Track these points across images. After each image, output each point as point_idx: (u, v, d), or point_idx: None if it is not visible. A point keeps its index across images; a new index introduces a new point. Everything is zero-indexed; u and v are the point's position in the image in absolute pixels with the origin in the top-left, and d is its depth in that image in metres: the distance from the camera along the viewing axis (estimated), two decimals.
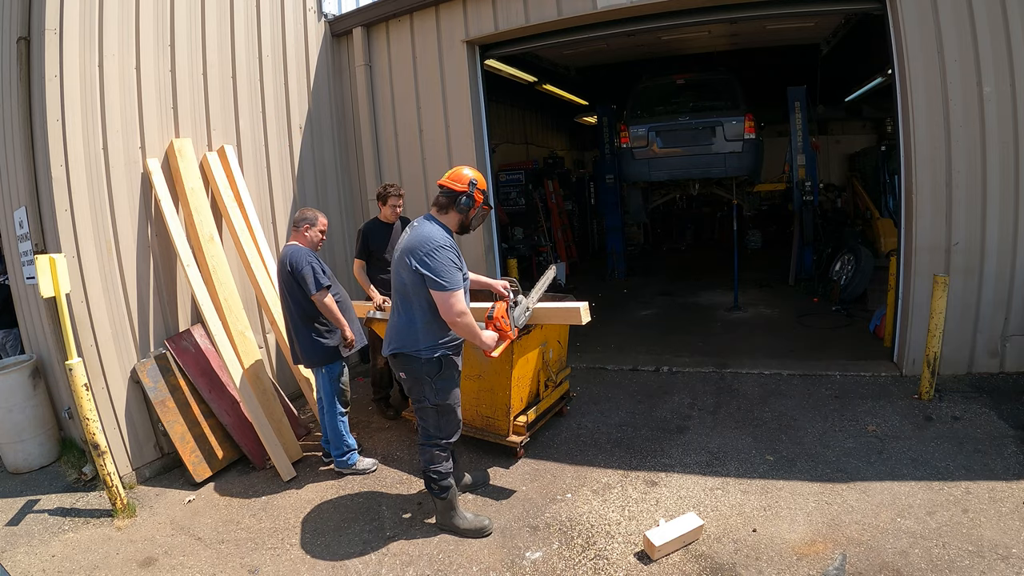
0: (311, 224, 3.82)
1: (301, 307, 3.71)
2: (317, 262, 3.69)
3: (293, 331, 3.81)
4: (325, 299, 3.65)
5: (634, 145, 7.81)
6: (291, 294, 3.71)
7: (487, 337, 3.03)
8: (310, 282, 3.60)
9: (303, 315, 3.73)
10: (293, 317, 3.77)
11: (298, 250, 3.69)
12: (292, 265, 3.63)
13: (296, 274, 3.63)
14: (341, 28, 6.00)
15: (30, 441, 4.31)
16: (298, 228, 3.81)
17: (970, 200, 4.32)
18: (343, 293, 3.94)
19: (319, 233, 3.84)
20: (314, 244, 3.82)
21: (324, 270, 3.71)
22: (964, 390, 4.31)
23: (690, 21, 5.24)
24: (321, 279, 3.64)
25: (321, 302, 3.64)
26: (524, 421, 3.87)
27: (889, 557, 2.67)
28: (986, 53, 4.13)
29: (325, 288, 3.65)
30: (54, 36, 3.69)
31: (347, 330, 3.79)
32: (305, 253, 3.68)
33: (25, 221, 3.98)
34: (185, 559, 3.16)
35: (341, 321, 3.73)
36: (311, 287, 3.61)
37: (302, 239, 3.79)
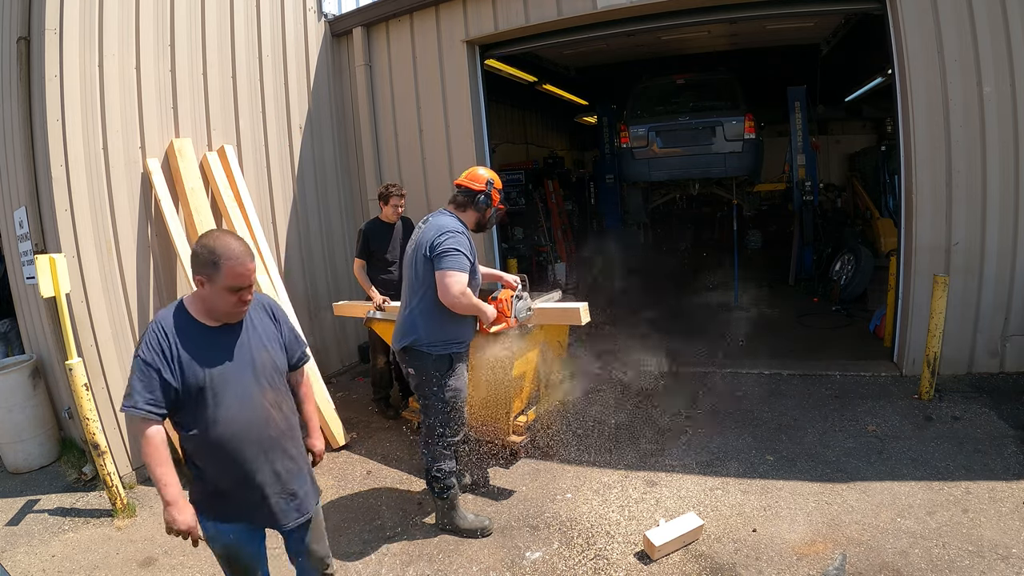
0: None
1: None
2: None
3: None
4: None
5: (634, 145, 7.80)
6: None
7: (488, 309, 3.06)
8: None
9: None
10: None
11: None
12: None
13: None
14: (341, 28, 6.00)
15: (30, 441, 4.31)
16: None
17: (970, 200, 4.32)
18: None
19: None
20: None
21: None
22: (964, 390, 4.31)
23: (690, 21, 5.24)
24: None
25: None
26: (524, 421, 3.87)
27: (889, 557, 2.67)
28: (986, 53, 4.13)
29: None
30: (54, 36, 3.69)
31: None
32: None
33: (25, 221, 3.98)
34: (185, 559, 3.16)
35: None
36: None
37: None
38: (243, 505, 1.96)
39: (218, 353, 1.89)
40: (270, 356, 2.01)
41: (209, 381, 1.85)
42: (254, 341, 1.98)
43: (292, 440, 2.07)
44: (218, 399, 1.87)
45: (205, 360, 1.86)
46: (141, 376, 1.80)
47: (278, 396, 2.02)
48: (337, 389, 5.48)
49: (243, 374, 1.92)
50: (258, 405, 1.94)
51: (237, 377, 1.90)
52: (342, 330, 5.99)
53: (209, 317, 1.91)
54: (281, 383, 2.05)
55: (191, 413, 1.86)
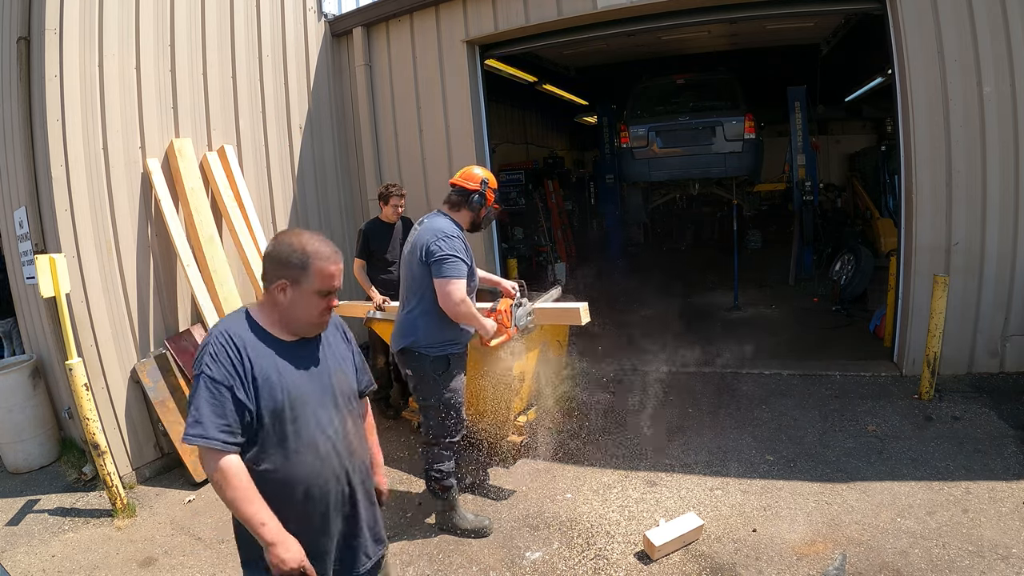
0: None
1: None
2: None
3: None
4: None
5: (634, 145, 7.80)
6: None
7: (488, 324, 3.05)
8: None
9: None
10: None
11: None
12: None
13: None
14: (341, 28, 6.00)
15: (30, 441, 4.31)
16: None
17: (970, 200, 4.32)
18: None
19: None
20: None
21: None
22: (964, 390, 4.31)
23: (690, 21, 5.24)
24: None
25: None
26: (524, 421, 3.87)
27: (889, 557, 2.67)
28: (986, 53, 4.13)
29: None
30: (54, 36, 3.69)
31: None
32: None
33: (25, 221, 3.98)
34: (185, 559, 3.16)
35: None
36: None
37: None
38: (316, 552, 1.62)
39: (296, 372, 1.61)
40: (346, 379, 1.77)
41: (289, 405, 1.57)
42: (331, 360, 1.72)
43: (369, 474, 1.80)
44: (298, 427, 1.58)
45: (284, 380, 1.57)
46: (210, 397, 1.48)
47: (356, 424, 1.77)
48: None
49: (324, 397, 1.65)
50: (340, 434, 1.67)
51: (318, 400, 1.63)
52: None
53: (285, 329, 1.63)
54: (357, 409, 1.81)
55: (265, 443, 1.56)
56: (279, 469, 1.56)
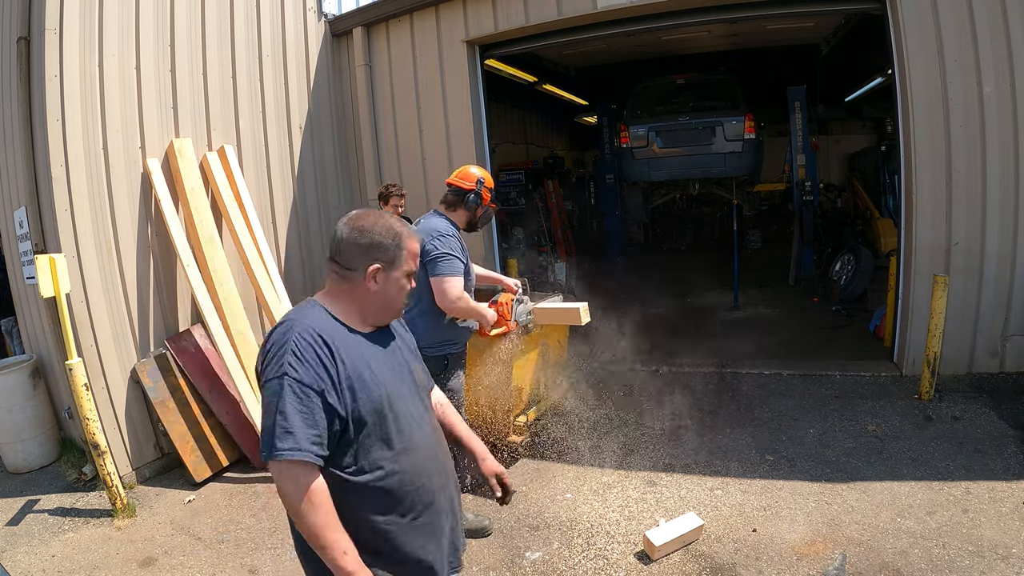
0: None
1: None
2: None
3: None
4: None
5: (634, 145, 7.81)
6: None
7: (488, 312, 3.05)
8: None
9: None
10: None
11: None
12: None
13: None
14: (341, 28, 6.00)
15: (30, 441, 4.31)
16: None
17: (970, 200, 4.32)
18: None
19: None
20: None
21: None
22: (964, 390, 4.31)
23: (690, 21, 5.25)
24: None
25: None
26: (524, 421, 3.87)
27: (889, 557, 2.67)
28: (986, 53, 4.13)
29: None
30: (54, 36, 3.69)
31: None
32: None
33: (25, 221, 3.98)
34: (185, 559, 3.16)
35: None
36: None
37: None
38: (434, 561, 1.50)
39: (385, 366, 1.46)
40: (422, 371, 1.65)
41: (388, 402, 1.41)
42: (405, 352, 1.60)
43: (453, 473, 1.65)
44: (400, 424, 1.44)
45: (376, 376, 1.41)
46: (298, 404, 1.28)
47: (434, 419, 1.62)
48: None
49: (410, 391, 1.52)
50: (429, 429, 1.54)
51: (408, 395, 1.50)
52: None
53: (362, 320, 1.48)
54: (431, 403, 1.67)
55: (368, 448, 1.38)
56: (389, 473, 1.39)
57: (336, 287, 1.47)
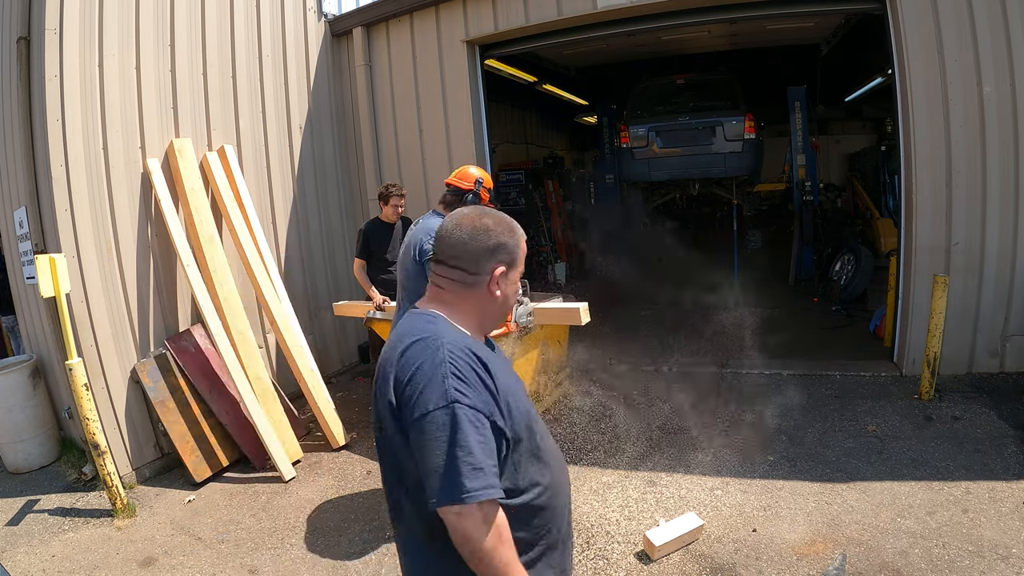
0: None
1: None
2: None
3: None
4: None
5: (634, 145, 7.81)
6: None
7: None
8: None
9: None
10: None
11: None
12: None
13: None
14: (341, 28, 6.00)
15: (30, 441, 4.31)
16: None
17: (970, 200, 4.32)
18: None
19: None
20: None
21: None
22: (964, 390, 4.31)
23: (690, 21, 5.25)
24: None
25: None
26: None
27: (889, 557, 2.67)
28: (986, 53, 4.13)
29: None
30: (54, 36, 3.69)
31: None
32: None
33: (25, 221, 3.98)
34: (185, 559, 3.16)
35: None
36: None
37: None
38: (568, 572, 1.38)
39: (512, 375, 1.33)
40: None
41: (531, 414, 1.30)
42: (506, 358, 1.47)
43: None
44: (542, 435, 1.32)
45: (512, 387, 1.27)
46: (478, 435, 1.12)
47: None
48: (337, 389, 5.48)
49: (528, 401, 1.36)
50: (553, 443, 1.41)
51: (529, 402, 1.35)
52: (342, 330, 5.99)
53: (479, 329, 1.34)
54: None
55: (524, 467, 1.26)
56: (545, 488, 1.28)
57: (452, 295, 1.31)
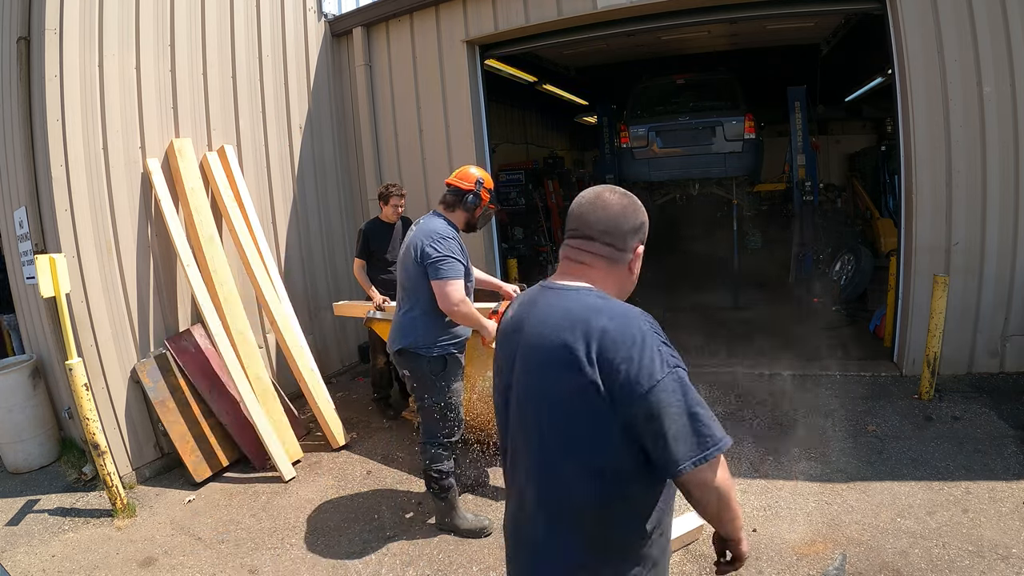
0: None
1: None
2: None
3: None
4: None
5: (634, 145, 7.80)
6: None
7: (489, 324, 3.05)
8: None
9: None
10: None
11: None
12: None
13: None
14: (341, 28, 6.00)
15: (30, 441, 4.31)
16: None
17: (970, 200, 4.32)
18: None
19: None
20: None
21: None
22: (964, 390, 4.31)
23: (690, 21, 5.24)
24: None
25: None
26: None
27: (889, 557, 2.67)
28: (986, 53, 4.13)
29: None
30: (54, 36, 3.69)
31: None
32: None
33: (25, 221, 3.98)
34: (185, 559, 3.16)
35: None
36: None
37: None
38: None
39: None
40: None
41: None
42: None
43: None
44: None
45: None
46: (698, 394, 1.19)
47: None
48: (337, 389, 5.48)
49: None
50: None
51: None
52: (342, 330, 5.99)
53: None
54: None
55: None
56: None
57: (597, 271, 1.33)
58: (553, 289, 1.34)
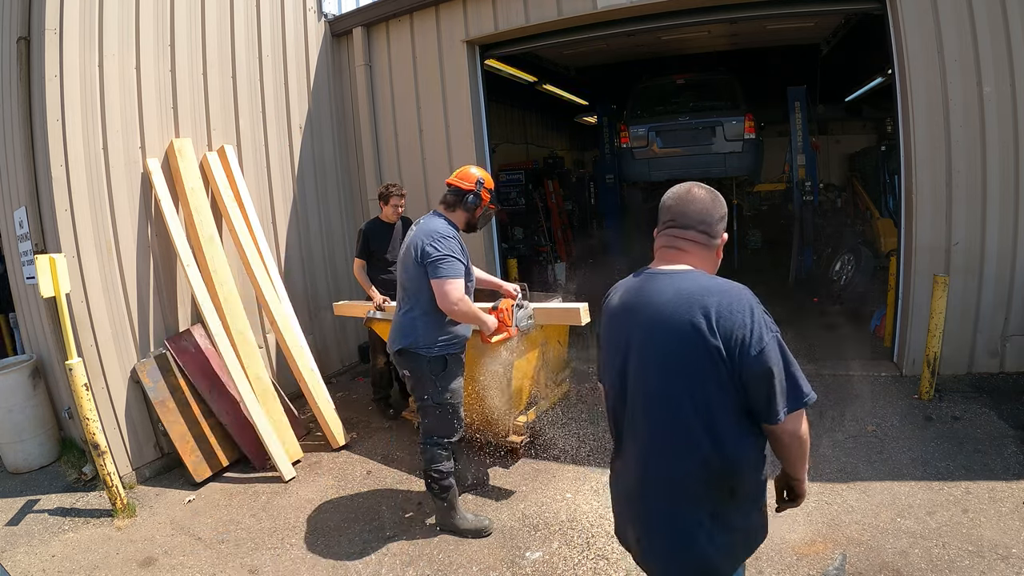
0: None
1: None
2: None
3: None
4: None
5: (634, 145, 7.80)
6: None
7: (489, 320, 3.05)
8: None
9: None
10: None
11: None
12: None
13: None
14: (341, 28, 6.00)
15: (30, 441, 4.31)
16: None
17: (970, 200, 4.32)
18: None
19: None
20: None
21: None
22: (964, 390, 4.31)
23: (690, 21, 5.24)
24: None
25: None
26: (524, 421, 3.87)
27: (889, 557, 2.67)
28: (986, 53, 4.13)
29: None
30: (54, 36, 3.69)
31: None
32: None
33: (25, 221, 3.98)
34: (185, 559, 3.16)
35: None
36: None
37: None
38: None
39: None
40: None
41: None
42: None
43: None
44: None
45: None
46: (792, 356, 1.45)
47: None
48: (337, 389, 5.48)
49: None
50: None
51: None
52: (342, 330, 5.99)
53: None
54: None
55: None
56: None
57: (694, 256, 1.55)
58: (660, 274, 1.53)
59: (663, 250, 1.58)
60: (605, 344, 1.65)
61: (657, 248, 1.61)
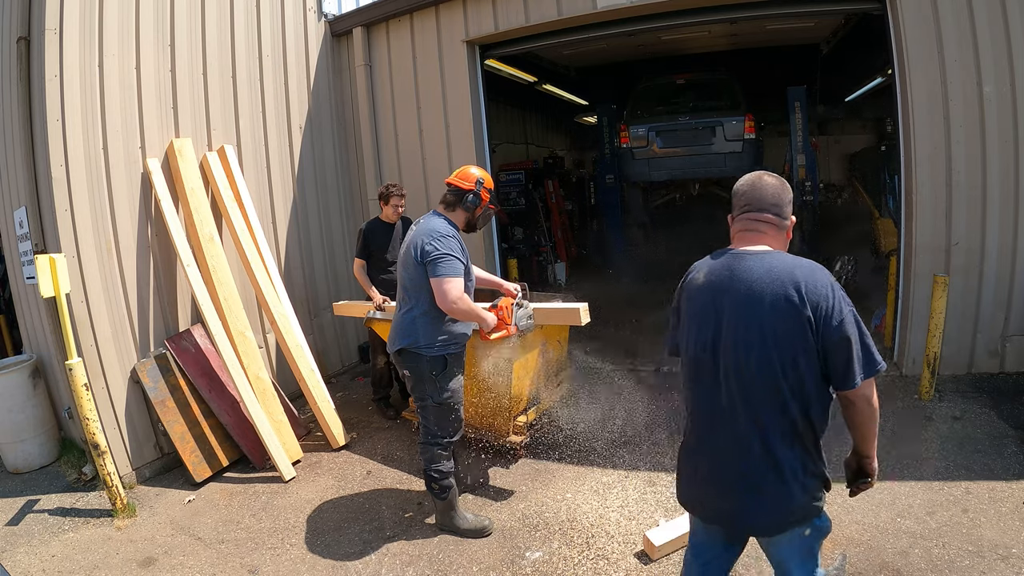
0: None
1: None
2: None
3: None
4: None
5: (634, 145, 7.81)
6: None
7: (488, 317, 3.05)
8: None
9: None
10: None
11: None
12: None
13: None
14: (341, 28, 6.00)
15: (30, 441, 4.31)
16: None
17: (970, 200, 4.31)
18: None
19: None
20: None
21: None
22: (964, 390, 4.31)
23: (690, 21, 5.24)
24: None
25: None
26: (524, 421, 3.87)
27: (889, 557, 2.67)
28: (986, 53, 4.13)
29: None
30: (54, 36, 3.69)
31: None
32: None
33: (25, 221, 3.98)
34: (185, 559, 3.17)
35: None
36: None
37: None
38: None
39: None
40: None
41: None
42: None
43: None
44: None
45: None
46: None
47: None
48: (337, 389, 5.49)
49: None
50: None
51: None
52: (342, 330, 5.99)
53: None
54: None
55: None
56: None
57: (771, 237, 1.72)
58: (747, 254, 1.68)
59: (742, 233, 1.74)
60: (690, 318, 1.77)
61: (735, 232, 1.77)
